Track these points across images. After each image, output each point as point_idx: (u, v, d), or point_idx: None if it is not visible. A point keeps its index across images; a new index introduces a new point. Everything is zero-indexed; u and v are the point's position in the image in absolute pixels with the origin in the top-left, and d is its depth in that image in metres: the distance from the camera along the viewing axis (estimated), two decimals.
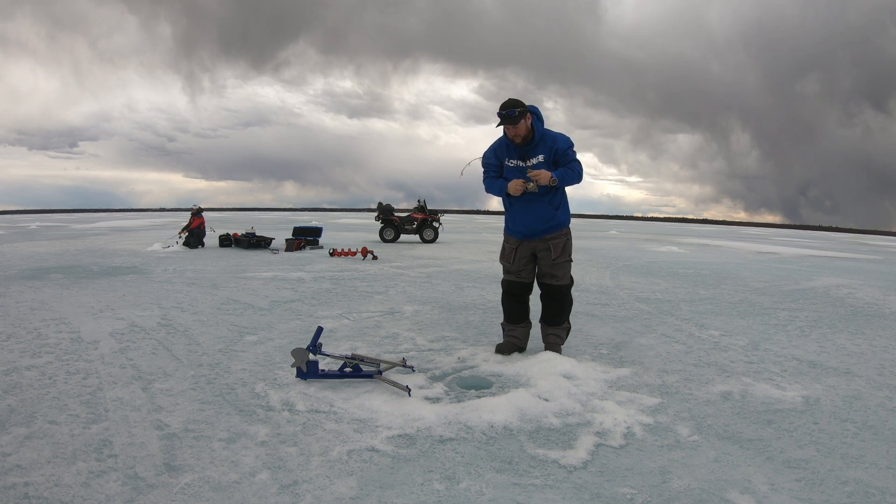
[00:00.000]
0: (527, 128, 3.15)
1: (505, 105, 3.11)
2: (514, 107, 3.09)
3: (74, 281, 6.16)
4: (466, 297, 5.50)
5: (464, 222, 35.88)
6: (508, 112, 3.08)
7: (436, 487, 1.82)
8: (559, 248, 3.29)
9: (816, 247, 19.16)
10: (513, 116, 3.09)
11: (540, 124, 3.21)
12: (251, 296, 5.35)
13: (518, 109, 3.08)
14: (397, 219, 13.47)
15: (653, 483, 1.88)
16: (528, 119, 3.14)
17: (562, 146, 3.21)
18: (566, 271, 3.36)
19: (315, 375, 2.79)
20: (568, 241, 3.34)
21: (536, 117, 3.21)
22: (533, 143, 3.18)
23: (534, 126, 3.18)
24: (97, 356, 3.21)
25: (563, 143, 3.21)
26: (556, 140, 3.21)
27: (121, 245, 11.55)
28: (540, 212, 3.26)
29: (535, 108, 3.23)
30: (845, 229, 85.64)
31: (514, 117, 3.09)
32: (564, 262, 3.32)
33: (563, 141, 3.22)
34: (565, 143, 3.22)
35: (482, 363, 3.17)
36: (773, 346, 3.83)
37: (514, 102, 3.11)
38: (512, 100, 3.13)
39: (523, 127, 3.13)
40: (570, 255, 3.34)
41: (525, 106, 3.14)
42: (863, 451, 2.18)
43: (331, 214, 58.15)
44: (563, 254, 3.31)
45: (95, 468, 1.89)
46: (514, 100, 3.14)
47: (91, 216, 44.86)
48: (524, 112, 3.11)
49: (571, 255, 3.37)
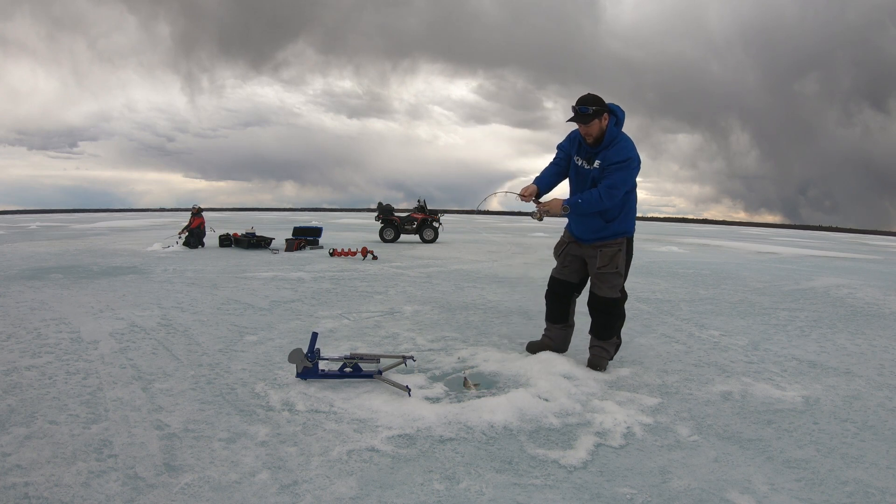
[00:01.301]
0: (600, 129, 2.88)
1: (580, 100, 2.86)
2: (590, 104, 2.83)
3: (74, 281, 6.16)
4: (466, 297, 5.50)
5: (464, 222, 35.88)
6: (581, 109, 2.83)
7: (436, 487, 1.82)
8: (607, 258, 3.03)
9: (816, 247, 19.16)
10: (585, 114, 2.83)
11: (616, 129, 2.92)
12: (251, 296, 5.35)
13: (593, 108, 2.82)
14: (397, 219, 13.47)
15: (653, 483, 1.88)
16: (604, 120, 2.87)
17: (612, 158, 2.88)
18: (613, 284, 3.06)
19: (315, 375, 2.79)
20: (619, 252, 3.04)
21: (616, 119, 2.92)
22: (601, 146, 2.91)
23: (608, 129, 2.89)
24: (97, 356, 3.21)
25: (615, 156, 2.88)
26: (611, 150, 2.90)
27: (121, 245, 11.55)
28: (589, 221, 3.03)
29: (619, 109, 2.95)
30: (845, 229, 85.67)
31: (585, 115, 2.83)
32: (611, 273, 3.04)
33: (616, 153, 2.88)
34: (617, 155, 2.88)
35: (482, 363, 3.17)
36: (773, 346, 3.83)
37: (590, 99, 2.86)
38: (590, 95, 2.88)
39: (596, 127, 2.86)
40: (618, 268, 3.04)
41: (604, 105, 2.87)
42: (863, 451, 2.18)
43: (331, 214, 58.16)
44: (611, 264, 3.03)
45: (95, 468, 1.89)
46: (593, 96, 2.88)
47: (91, 216, 44.87)
48: (600, 112, 2.84)
49: (623, 268, 3.06)
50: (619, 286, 3.09)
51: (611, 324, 3.11)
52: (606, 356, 3.14)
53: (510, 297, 5.61)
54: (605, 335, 3.12)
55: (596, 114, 2.82)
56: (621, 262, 3.05)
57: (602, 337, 3.12)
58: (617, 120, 2.91)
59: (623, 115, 2.94)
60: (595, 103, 2.83)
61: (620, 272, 3.06)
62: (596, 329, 3.15)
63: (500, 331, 4.07)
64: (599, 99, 2.87)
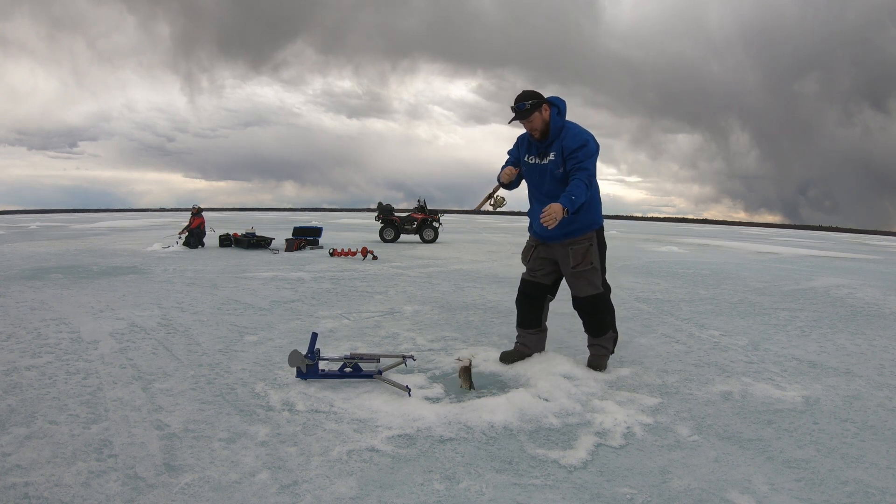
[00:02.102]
0: (543, 121, 2.85)
1: (516, 98, 2.86)
2: (526, 99, 2.81)
3: (74, 281, 6.16)
4: (466, 297, 5.50)
5: (464, 222, 35.89)
6: (518, 105, 2.82)
7: (436, 487, 1.82)
8: (580, 256, 2.94)
9: (816, 247, 19.16)
10: (522, 110, 2.82)
11: (560, 118, 2.88)
12: (251, 296, 5.35)
13: (530, 102, 2.80)
14: (397, 219, 13.47)
15: (653, 483, 1.88)
16: (545, 111, 2.84)
17: (570, 144, 2.83)
18: (590, 282, 2.98)
19: (315, 375, 2.79)
20: (591, 247, 2.96)
21: (558, 110, 2.88)
22: (550, 138, 2.88)
23: (551, 120, 2.86)
24: (97, 356, 3.21)
25: (573, 142, 2.82)
26: (567, 137, 2.85)
27: (121, 245, 11.55)
28: None
29: (557, 99, 2.91)
30: (845, 229, 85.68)
31: (523, 111, 2.82)
32: (587, 270, 2.96)
33: (574, 139, 2.83)
34: (575, 140, 2.82)
35: (482, 363, 3.16)
36: (773, 346, 3.83)
37: (526, 94, 2.84)
38: (526, 91, 2.86)
39: (539, 120, 2.84)
40: (593, 263, 2.96)
41: (541, 98, 2.85)
42: (863, 451, 2.18)
43: (331, 214, 58.16)
44: (584, 261, 2.94)
45: (95, 468, 1.89)
46: (529, 91, 2.86)
47: (91, 216, 44.87)
48: (538, 104, 2.82)
49: (598, 263, 2.99)
50: (598, 282, 3.01)
51: (601, 320, 3.05)
52: (605, 353, 3.10)
53: (510, 297, 5.59)
54: (599, 332, 3.07)
55: (534, 107, 2.80)
56: (595, 256, 2.97)
57: (596, 334, 3.08)
58: (559, 110, 2.88)
59: (564, 104, 2.91)
60: (531, 97, 2.81)
61: (596, 267, 2.98)
62: (589, 328, 3.10)
63: (500, 331, 4.07)
64: (535, 93, 2.85)
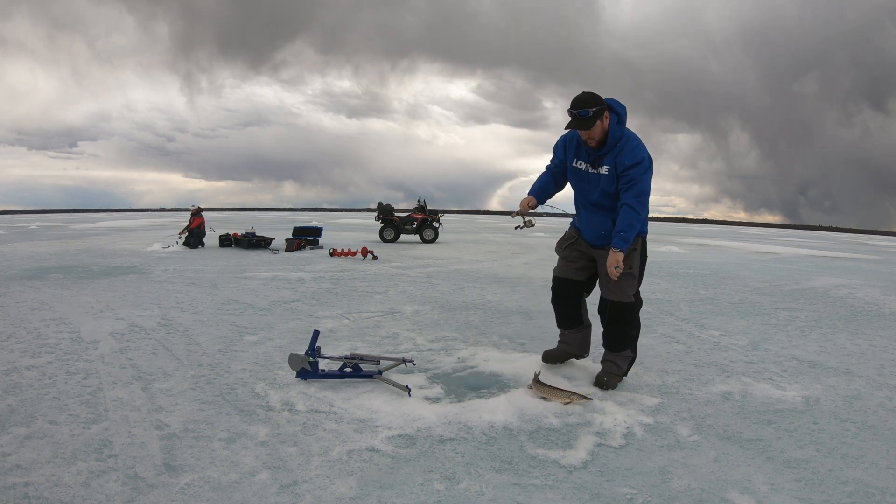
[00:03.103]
0: (603, 130, 2.60)
1: (576, 101, 2.57)
2: (588, 105, 2.54)
3: (74, 281, 6.16)
4: (466, 297, 5.50)
5: (464, 222, 35.88)
6: (580, 112, 2.54)
7: (436, 487, 1.82)
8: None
9: (816, 247, 19.16)
10: (586, 118, 2.55)
11: (619, 128, 2.63)
12: (251, 296, 5.35)
13: (593, 109, 2.53)
14: (397, 219, 13.47)
15: (653, 483, 1.88)
16: (605, 119, 2.59)
17: (625, 162, 2.59)
18: (627, 286, 2.76)
19: (315, 375, 2.79)
20: (634, 251, 2.74)
21: (618, 117, 2.63)
22: (606, 148, 2.64)
23: (610, 129, 2.61)
24: (97, 356, 3.21)
25: (627, 159, 2.59)
26: (623, 152, 2.61)
27: (121, 245, 11.55)
28: (598, 225, 2.79)
29: (618, 105, 2.65)
30: (845, 229, 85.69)
31: (587, 119, 2.55)
32: (624, 274, 2.70)
33: (629, 155, 2.59)
34: (630, 158, 2.59)
35: (482, 363, 3.17)
36: (773, 346, 3.83)
37: (588, 99, 2.56)
38: (586, 94, 2.59)
39: (599, 129, 2.59)
40: (632, 268, 2.75)
41: (602, 102, 2.58)
42: (863, 451, 2.18)
43: (331, 214, 58.17)
44: (625, 265, 2.70)
45: (95, 468, 1.89)
46: (589, 94, 2.58)
47: (91, 216, 44.87)
48: (601, 111, 2.56)
49: (636, 269, 2.78)
50: (632, 289, 2.79)
51: (623, 333, 2.82)
52: (618, 372, 2.84)
53: (510, 297, 5.60)
54: (618, 346, 2.83)
55: (597, 115, 2.55)
56: (635, 262, 2.77)
57: (614, 348, 2.84)
58: (619, 118, 2.63)
59: (624, 110, 2.66)
60: (594, 103, 2.55)
61: (634, 273, 2.77)
62: (608, 339, 2.86)
63: (500, 331, 4.07)
64: (597, 97, 2.59)
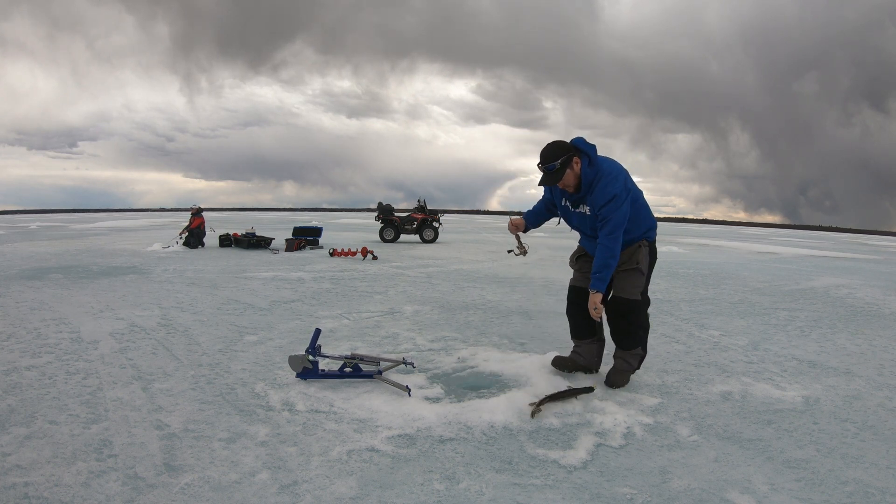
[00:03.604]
0: (576, 175, 2.65)
1: (542, 156, 2.63)
2: (554, 158, 2.59)
3: (74, 281, 6.16)
4: (466, 297, 5.50)
5: (464, 222, 35.88)
6: (547, 167, 2.61)
7: (436, 487, 1.82)
8: (626, 255, 2.78)
9: (816, 247, 19.16)
10: (553, 171, 2.61)
11: (591, 169, 2.64)
12: (251, 296, 5.35)
13: (559, 161, 2.59)
14: (397, 219, 13.48)
15: (653, 483, 1.88)
16: (576, 166, 2.63)
17: (597, 201, 2.64)
18: (634, 283, 2.79)
19: (315, 375, 2.79)
20: (640, 248, 2.80)
21: (588, 159, 2.64)
22: (583, 191, 2.69)
23: (582, 173, 2.64)
24: (97, 356, 3.21)
25: (599, 198, 2.63)
26: (594, 193, 2.65)
27: (121, 245, 11.55)
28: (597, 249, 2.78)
29: (584, 144, 2.66)
30: (845, 229, 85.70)
31: (554, 172, 2.61)
32: (631, 269, 2.78)
33: (600, 194, 2.62)
34: (602, 197, 2.62)
35: (482, 363, 3.17)
36: (773, 346, 3.83)
37: (552, 153, 2.61)
38: (552, 146, 2.64)
39: (571, 177, 2.64)
40: (639, 264, 2.78)
41: (569, 151, 2.62)
42: (863, 451, 2.18)
43: (331, 214, 58.18)
44: (630, 260, 2.78)
45: (95, 468, 1.89)
46: (553, 147, 2.64)
47: (91, 216, 44.87)
48: (568, 160, 2.60)
49: (644, 266, 2.81)
50: (640, 286, 2.81)
51: (631, 331, 2.83)
52: (629, 368, 2.87)
53: (510, 297, 5.60)
54: (627, 344, 2.85)
55: (564, 164, 2.60)
56: (642, 258, 2.79)
57: (624, 346, 2.86)
58: (589, 159, 2.64)
59: (593, 148, 2.68)
60: (558, 153, 2.60)
61: (642, 270, 2.80)
62: (617, 337, 2.88)
63: (500, 331, 4.07)
64: (562, 145, 2.64)
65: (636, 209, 2.78)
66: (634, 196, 2.75)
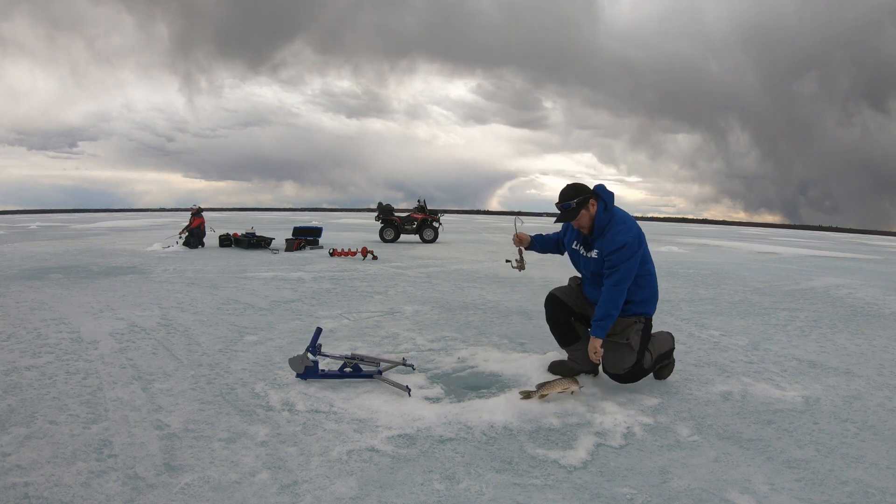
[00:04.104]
0: (590, 217, 2.70)
1: (561, 195, 2.70)
2: (570, 197, 2.66)
3: (74, 281, 6.16)
4: (466, 297, 5.50)
5: (464, 222, 35.88)
6: (563, 205, 2.67)
7: (436, 487, 1.82)
8: (619, 326, 2.70)
9: (816, 247, 19.16)
10: (568, 210, 2.67)
11: (605, 214, 2.69)
12: (251, 296, 5.35)
13: (575, 200, 2.65)
14: (397, 219, 13.48)
15: (653, 483, 1.88)
16: (592, 207, 2.68)
17: (607, 248, 2.65)
18: (622, 358, 2.68)
19: (315, 375, 2.79)
20: (635, 325, 2.72)
21: (604, 204, 2.70)
22: (595, 234, 2.72)
23: (597, 216, 2.69)
24: (97, 356, 3.21)
25: (609, 244, 2.64)
26: (605, 238, 2.67)
27: (121, 245, 11.55)
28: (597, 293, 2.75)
29: (604, 191, 2.73)
30: (845, 229, 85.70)
31: (570, 211, 2.67)
32: (620, 344, 2.69)
33: (611, 241, 2.64)
34: (612, 243, 2.63)
35: (482, 363, 3.17)
36: (773, 346, 3.83)
37: (570, 192, 2.68)
38: (571, 186, 2.71)
39: (586, 217, 2.69)
40: (629, 340, 2.69)
41: (587, 191, 2.68)
42: (863, 451, 2.18)
43: (331, 214, 58.18)
44: (622, 334, 2.70)
45: (95, 468, 1.89)
46: (572, 187, 2.70)
47: (91, 216, 44.87)
48: (584, 201, 2.66)
49: (636, 343, 2.69)
50: (626, 363, 2.69)
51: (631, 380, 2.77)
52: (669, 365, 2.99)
53: (510, 297, 5.61)
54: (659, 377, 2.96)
55: (580, 205, 2.66)
56: (634, 337, 2.70)
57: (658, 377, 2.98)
58: (605, 205, 2.70)
59: (611, 196, 2.74)
60: (577, 194, 2.67)
61: (633, 346, 2.69)
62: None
63: (500, 331, 4.07)
64: (581, 187, 2.70)
65: (643, 272, 2.74)
66: (644, 256, 2.74)
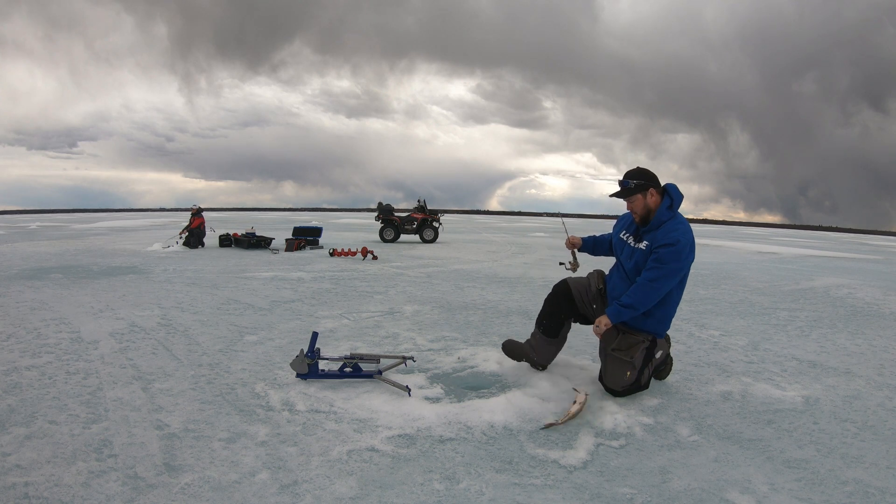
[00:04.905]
0: (645, 207, 2.60)
1: (627, 173, 2.63)
2: (633, 177, 2.59)
3: (74, 281, 6.16)
4: (466, 297, 5.50)
5: (464, 222, 35.88)
6: (623, 181, 2.59)
7: (436, 487, 1.82)
8: (625, 343, 2.61)
9: (816, 247, 19.16)
10: (625, 188, 2.59)
11: (668, 212, 2.59)
12: (251, 296, 5.35)
13: (634, 182, 2.57)
14: (397, 219, 13.47)
15: (653, 483, 1.88)
16: (650, 197, 2.59)
17: (659, 239, 2.56)
18: (620, 375, 2.58)
19: (315, 375, 2.79)
20: (641, 344, 2.61)
21: (670, 202, 2.60)
22: (650, 227, 2.62)
23: (658, 210, 2.60)
24: (97, 356, 3.21)
25: (662, 237, 2.55)
26: (660, 231, 2.57)
27: (121, 245, 11.54)
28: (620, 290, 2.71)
29: (675, 191, 2.63)
30: (845, 229, 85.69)
31: (625, 189, 2.59)
32: (621, 360, 2.58)
33: (665, 235, 2.55)
34: (665, 237, 2.54)
35: (482, 363, 3.17)
36: (773, 346, 3.83)
37: (635, 172, 2.61)
38: (638, 168, 2.63)
39: (640, 204, 2.60)
40: (632, 359, 2.58)
41: (652, 180, 2.59)
42: (863, 451, 2.18)
43: (331, 214, 58.18)
44: (626, 351, 2.59)
45: (95, 468, 1.89)
46: (640, 169, 2.62)
47: (91, 216, 44.86)
48: (643, 186, 2.57)
49: (638, 362, 2.59)
50: (626, 383, 2.60)
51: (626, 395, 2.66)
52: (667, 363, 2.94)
53: (510, 297, 5.60)
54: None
55: (638, 188, 2.57)
56: (638, 355, 2.60)
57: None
58: (671, 202, 2.59)
59: (679, 197, 2.61)
60: (639, 177, 2.58)
61: (635, 365, 2.58)
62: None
63: (500, 331, 4.07)
64: (647, 173, 2.61)
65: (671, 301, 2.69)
66: (687, 272, 2.66)
